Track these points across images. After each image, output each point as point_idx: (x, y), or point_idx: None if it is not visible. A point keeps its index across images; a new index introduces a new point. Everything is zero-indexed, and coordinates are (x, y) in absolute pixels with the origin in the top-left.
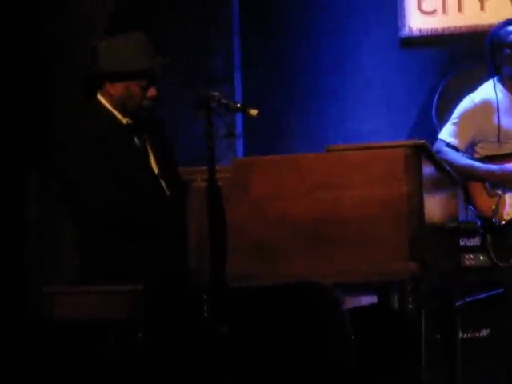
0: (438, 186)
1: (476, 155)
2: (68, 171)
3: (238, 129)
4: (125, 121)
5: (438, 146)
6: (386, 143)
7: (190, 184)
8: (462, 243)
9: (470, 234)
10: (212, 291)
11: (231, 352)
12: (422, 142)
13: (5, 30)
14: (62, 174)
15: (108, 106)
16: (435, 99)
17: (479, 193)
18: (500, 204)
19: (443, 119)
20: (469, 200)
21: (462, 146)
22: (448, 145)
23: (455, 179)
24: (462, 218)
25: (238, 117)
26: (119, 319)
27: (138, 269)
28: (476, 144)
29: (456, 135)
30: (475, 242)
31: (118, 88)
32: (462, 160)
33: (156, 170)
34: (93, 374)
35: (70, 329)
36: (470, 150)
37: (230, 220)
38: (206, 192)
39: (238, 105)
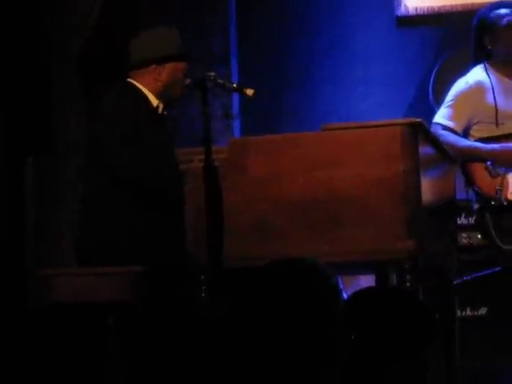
0: (434, 164)
1: (471, 138)
2: (106, 137)
3: (235, 109)
4: (155, 103)
5: (433, 129)
6: (383, 122)
7: (186, 166)
8: (459, 222)
9: (467, 212)
10: (210, 272)
11: (226, 333)
12: (418, 120)
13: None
14: (98, 141)
15: (141, 87)
16: (432, 78)
17: (481, 174)
18: (504, 184)
19: (440, 98)
20: (471, 181)
21: (458, 128)
22: (444, 128)
23: (451, 158)
24: (460, 196)
25: (235, 97)
26: (118, 301)
27: (142, 249)
28: (471, 126)
29: (452, 117)
30: (472, 220)
31: (165, 75)
32: (462, 142)
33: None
34: (92, 356)
35: (68, 311)
36: (464, 133)
37: (227, 201)
38: (202, 173)
39: (234, 85)
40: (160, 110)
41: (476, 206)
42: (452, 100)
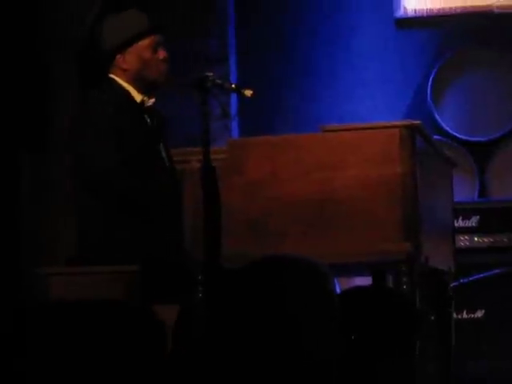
0: (432, 166)
1: None
2: (79, 146)
3: (233, 110)
4: (139, 98)
5: None
6: (381, 123)
7: (184, 166)
8: (457, 224)
9: (466, 215)
10: (207, 272)
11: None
12: (417, 122)
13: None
14: (73, 149)
15: (122, 82)
16: (430, 80)
17: None
18: None
19: (438, 100)
20: None
21: None
22: None
23: (450, 160)
24: (458, 198)
25: (233, 98)
26: (113, 300)
27: (136, 249)
28: None
29: None
30: (470, 223)
31: (131, 61)
32: None
33: (163, 153)
34: (88, 354)
35: (64, 309)
36: None
37: (224, 201)
38: (200, 173)
39: (233, 85)
40: (147, 103)
41: None
42: None
